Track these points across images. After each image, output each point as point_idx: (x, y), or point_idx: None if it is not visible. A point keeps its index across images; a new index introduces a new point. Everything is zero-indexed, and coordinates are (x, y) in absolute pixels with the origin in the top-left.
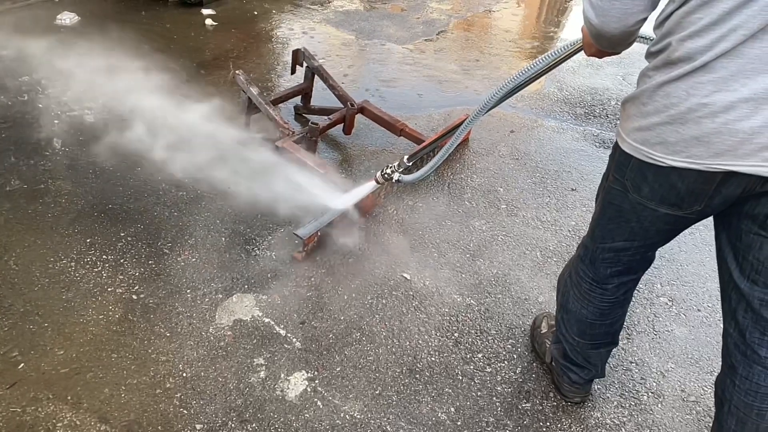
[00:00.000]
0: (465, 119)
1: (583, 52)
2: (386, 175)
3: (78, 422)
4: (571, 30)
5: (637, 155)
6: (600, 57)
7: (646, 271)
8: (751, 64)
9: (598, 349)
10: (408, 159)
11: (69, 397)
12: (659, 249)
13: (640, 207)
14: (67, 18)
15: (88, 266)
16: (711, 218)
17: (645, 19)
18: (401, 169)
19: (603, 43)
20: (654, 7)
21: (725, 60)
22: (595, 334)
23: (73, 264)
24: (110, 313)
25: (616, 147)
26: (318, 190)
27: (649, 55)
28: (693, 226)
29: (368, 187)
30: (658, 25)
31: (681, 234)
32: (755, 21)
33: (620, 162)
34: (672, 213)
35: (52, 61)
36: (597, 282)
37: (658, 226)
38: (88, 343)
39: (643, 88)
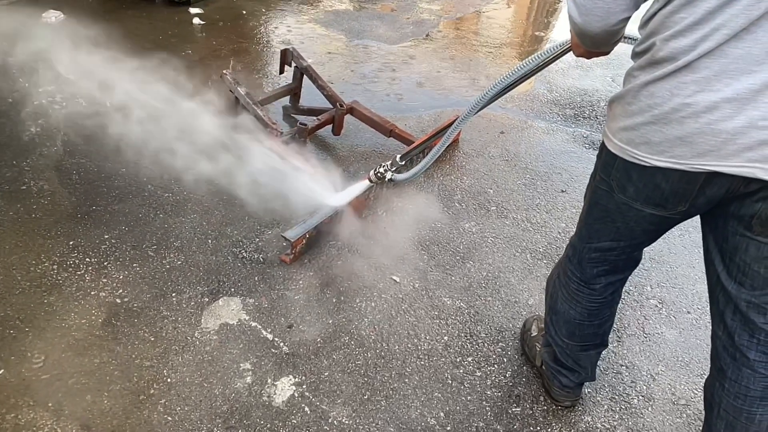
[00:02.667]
0: (456, 119)
1: (572, 52)
2: (379, 174)
3: (59, 430)
4: (561, 31)
5: (623, 155)
6: (588, 57)
7: (636, 274)
8: (734, 64)
9: (587, 350)
10: (400, 158)
11: (50, 404)
12: (650, 251)
13: (625, 207)
14: (53, 16)
15: (70, 269)
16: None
17: (628, 18)
18: (394, 168)
19: (587, 42)
20: (637, 6)
21: (708, 60)
22: (584, 335)
23: (55, 267)
24: (93, 317)
25: (603, 147)
26: (309, 187)
27: (634, 55)
28: (682, 228)
29: (361, 186)
30: (643, 25)
31: (671, 236)
32: (738, 20)
33: (606, 162)
34: (657, 213)
35: (37, 61)
36: (584, 282)
37: (644, 227)
38: (70, 348)
39: (628, 87)
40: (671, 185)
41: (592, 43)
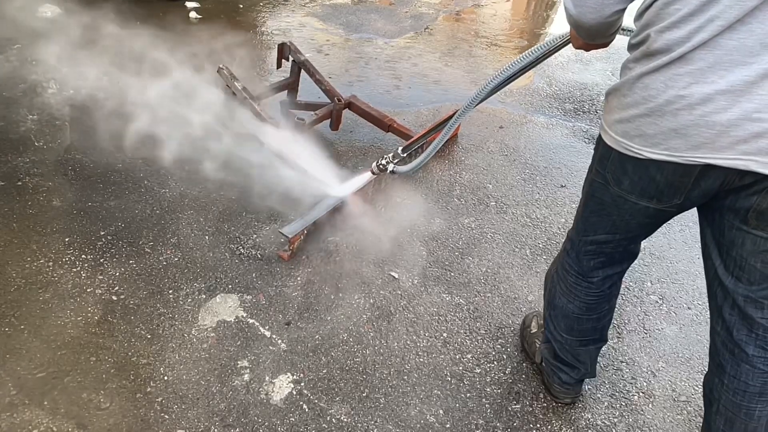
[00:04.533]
0: (456, 112)
1: (571, 45)
2: (381, 166)
3: (55, 429)
4: (560, 24)
5: (618, 148)
6: (587, 50)
7: (636, 269)
8: (728, 55)
9: (586, 346)
10: (402, 150)
11: (46, 403)
12: (650, 246)
13: (620, 200)
14: (49, 11)
15: (66, 266)
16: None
17: (622, 10)
18: (396, 161)
19: (582, 33)
20: None
21: (703, 51)
22: (582, 329)
23: (51, 264)
24: (89, 314)
25: (599, 140)
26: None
27: (630, 47)
28: (683, 223)
29: (364, 177)
30: (638, 17)
31: (671, 231)
32: (732, 11)
33: (602, 155)
34: (652, 206)
35: (31, 56)
36: (582, 275)
37: (639, 220)
38: (66, 345)
39: (624, 80)
40: (666, 178)
41: (587, 35)
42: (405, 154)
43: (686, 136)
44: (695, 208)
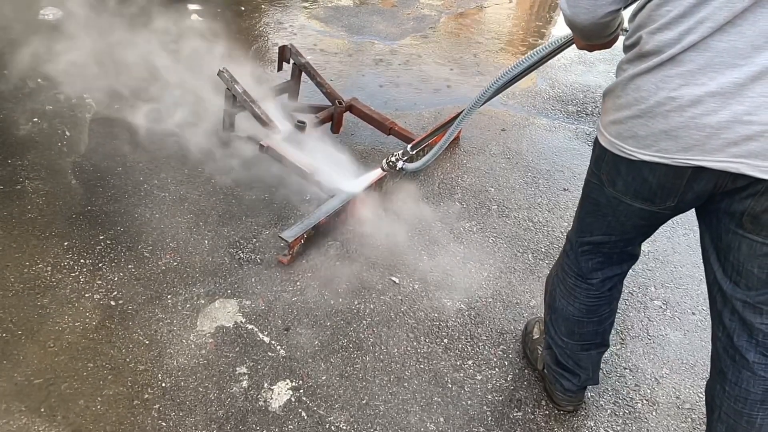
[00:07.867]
0: (460, 113)
1: (574, 45)
2: (391, 163)
3: None
4: (562, 26)
5: (612, 149)
6: (590, 51)
7: (640, 274)
8: (719, 57)
9: (588, 350)
10: (411, 148)
11: (42, 409)
12: (653, 251)
13: (615, 201)
14: (51, 13)
15: (64, 271)
16: None
17: (616, 11)
18: (405, 158)
19: (577, 34)
20: (626, 0)
21: (693, 53)
22: (583, 333)
23: (49, 268)
24: (87, 320)
25: (596, 141)
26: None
27: (624, 49)
28: (687, 227)
29: (374, 174)
30: (631, 18)
31: (675, 235)
32: (721, 13)
33: (598, 156)
34: (646, 208)
35: (32, 58)
36: (581, 276)
37: (634, 221)
38: (63, 351)
39: (618, 81)
40: (658, 180)
41: (582, 36)
42: (414, 152)
43: (677, 137)
44: (695, 212)
